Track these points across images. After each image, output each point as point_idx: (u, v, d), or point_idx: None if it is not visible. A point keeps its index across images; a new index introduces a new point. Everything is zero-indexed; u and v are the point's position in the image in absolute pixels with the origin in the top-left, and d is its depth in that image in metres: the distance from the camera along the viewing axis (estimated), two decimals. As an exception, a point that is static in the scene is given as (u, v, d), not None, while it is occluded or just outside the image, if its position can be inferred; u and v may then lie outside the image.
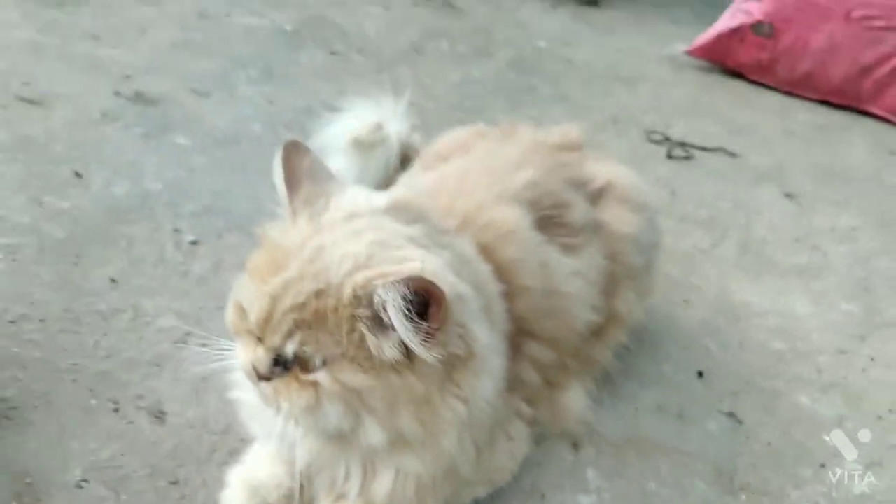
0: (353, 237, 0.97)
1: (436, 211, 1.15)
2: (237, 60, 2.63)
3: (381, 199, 1.09)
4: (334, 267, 0.93)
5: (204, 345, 1.12)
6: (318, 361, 0.94)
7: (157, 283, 1.56)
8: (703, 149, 2.89)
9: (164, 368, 1.37)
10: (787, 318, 1.96)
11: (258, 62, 2.66)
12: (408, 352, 0.92)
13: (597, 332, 1.43)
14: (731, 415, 1.58)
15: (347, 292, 0.91)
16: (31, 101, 2.04)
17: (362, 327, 0.92)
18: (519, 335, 1.21)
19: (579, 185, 1.43)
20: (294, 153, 1.02)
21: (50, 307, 1.43)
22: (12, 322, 1.38)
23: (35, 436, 1.20)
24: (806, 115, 3.55)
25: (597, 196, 1.46)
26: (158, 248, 1.65)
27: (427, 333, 0.90)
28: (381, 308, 0.90)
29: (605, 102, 3.09)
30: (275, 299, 0.94)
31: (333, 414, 0.95)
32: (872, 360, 1.86)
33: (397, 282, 0.88)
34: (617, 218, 1.45)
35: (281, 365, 0.97)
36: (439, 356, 0.92)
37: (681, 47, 3.84)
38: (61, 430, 1.22)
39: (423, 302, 0.89)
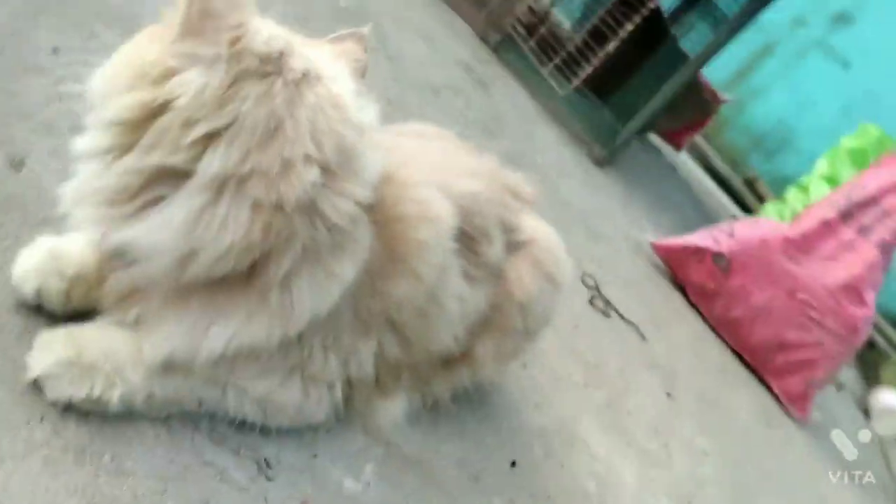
0: None
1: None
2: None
3: None
4: None
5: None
6: None
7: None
8: (622, 317, 2.96)
9: (35, 120, 1.31)
10: (613, 475, 1.97)
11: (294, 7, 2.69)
12: None
13: (446, 363, 1.42)
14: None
15: None
16: None
17: None
18: (379, 316, 1.20)
19: (507, 229, 1.44)
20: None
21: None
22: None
23: None
24: (717, 353, 3.69)
25: (515, 247, 1.46)
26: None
27: None
28: None
29: (565, 236, 3.16)
30: None
31: None
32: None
33: None
34: (519, 279, 1.45)
35: None
36: None
37: (649, 237, 4.02)
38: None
39: None
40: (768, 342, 3.74)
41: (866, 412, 5.42)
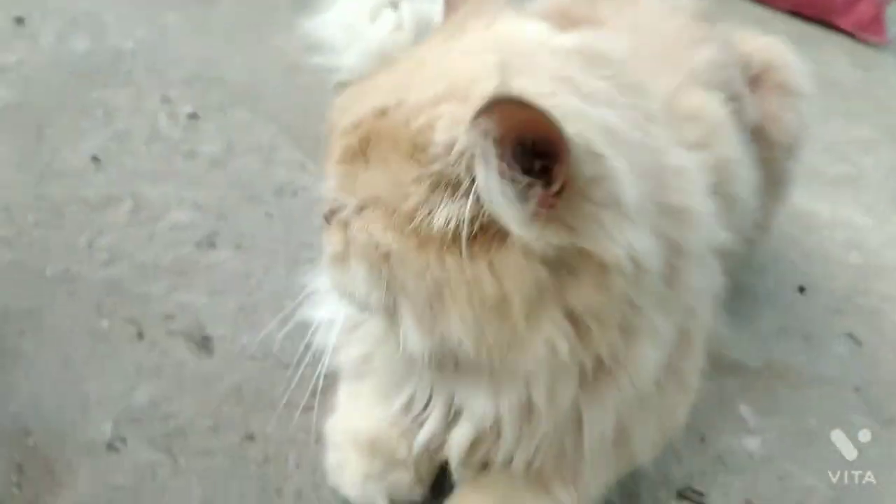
0: (475, 55, 0.63)
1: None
2: None
3: (568, 38, 0.73)
4: (425, 85, 0.60)
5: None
6: (349, 205, 0.62)
7: (156, 164, 1.15)
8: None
9: (192, 278, 0.98)
10: (853, 230, 1.77)
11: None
12: (474, 229, 0.56)
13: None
14: (850, 336, 1.36)
15: (419, 123, 0.57)
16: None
17: (418, 175, 0.57)
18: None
19: (744, 69, 1.12)
20: None
21: (15, 192, 1.01)
22: (-37, 211, 0.95)
23: (29, 374, 0.80)
24: (782, 25, 3.36)
25: (755, 83, 1.14)
26: (149, 120, 1.23)
27: (539, 202, 0.54)
28: (462, 160, 0.55)
29: None
30: (341, 113, 0.65)
31: (359, 276, 0.62)
32: (948, 276, 1.70)
33: (476, 117, 0.51)
34: (775, 119, 1.14)
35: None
36: (547, 243, 0.55)
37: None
38: (66, 365, 0.83)
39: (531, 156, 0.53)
40: (824, -14, 3.41)
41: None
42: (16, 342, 0.82)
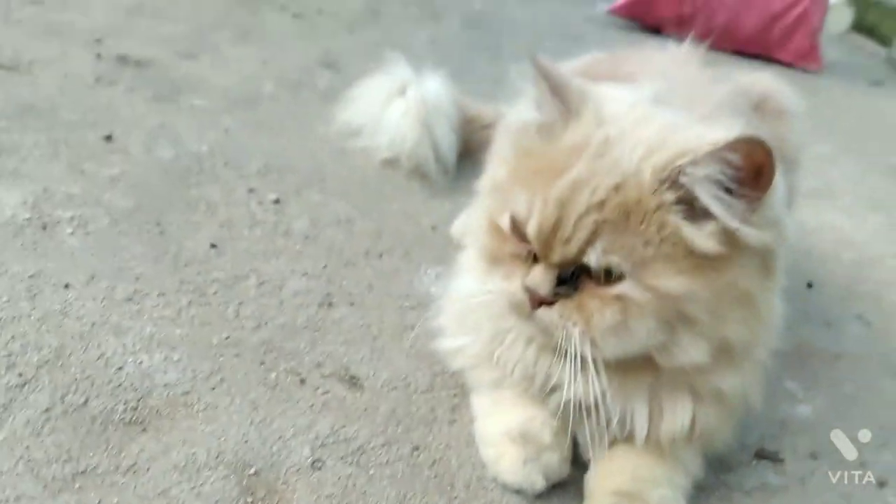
0: (640, 124, 0.87)
1: None
2: (203, 24, 2.34)
3: (644, 90, 0.98)
4: (626, 155, 0.83)
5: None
6: (625, 269, 0.81)
7: (262, 245, 1.33)
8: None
9: (325, 333, 1.16)
10: (839, 231, 2.00)
11: (225, 25, 2.38)
12: (727, 242, 0.80)
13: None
14: (860, 318, 1.57)
15: (647, 177, 0.80)
16: (4, 68, 1.69)
17: (673, 216, 0.80)
18: None
19: (746, 99, 1.35)
20: (547, 64, 0.90)
21: (161, 281, 1.18)
22: (129, 300, 1.12)
23: (232, 420, 0.96)
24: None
25: (756, 110, 1.36)
26: (244, 209, 1.41)
27: (746, 211, 0.80)
28: (691, 187, 0.79)
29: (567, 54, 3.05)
30: (564, 203, 0.83)
31: (642, 331, 0.83)
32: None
33: (715, 151, 0.77)
34: (782, 140, 1.34)
35: (566, 283, 0.85)
36: (764, 238, 0.81)
37: (602, 7, 3.90)
38: (255, 409, 0.99)
39: (738, 175, 0.78)
40: (761, 24, 3.76)
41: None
42: (211, 398, 0.98)
